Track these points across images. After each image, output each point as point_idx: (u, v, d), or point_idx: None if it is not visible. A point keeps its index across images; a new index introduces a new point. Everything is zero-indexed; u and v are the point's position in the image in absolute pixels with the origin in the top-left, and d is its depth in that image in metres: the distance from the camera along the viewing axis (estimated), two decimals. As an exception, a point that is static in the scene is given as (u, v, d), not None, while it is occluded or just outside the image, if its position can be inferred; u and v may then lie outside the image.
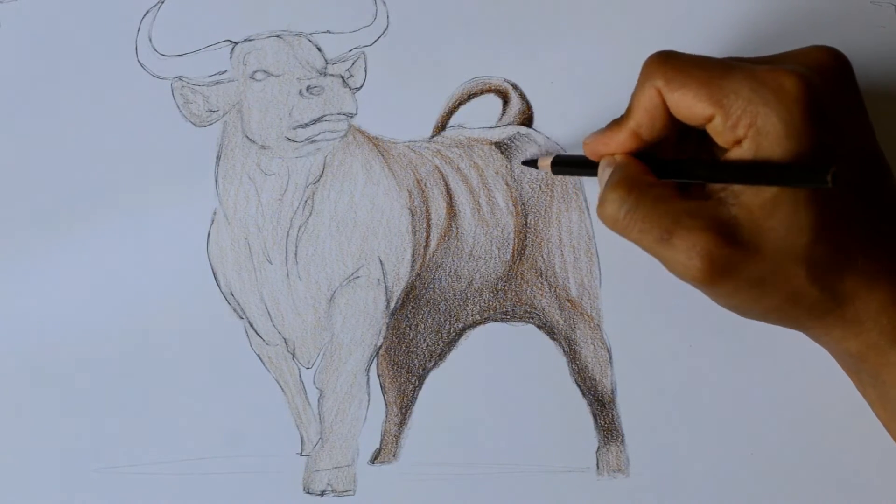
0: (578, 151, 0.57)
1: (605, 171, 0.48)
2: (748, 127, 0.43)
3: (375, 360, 0.56)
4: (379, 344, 0.57)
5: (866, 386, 0.48)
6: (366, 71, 0.58)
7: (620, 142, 0.48)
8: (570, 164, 0.53)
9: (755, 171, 0.43)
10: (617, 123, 0.49)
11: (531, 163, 0.56)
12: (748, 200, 0.44)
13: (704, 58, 0.46)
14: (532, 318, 0.57)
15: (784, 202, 0.43)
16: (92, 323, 0.56)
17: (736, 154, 0.44)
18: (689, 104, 0.45)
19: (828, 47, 0.47)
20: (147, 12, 0.58)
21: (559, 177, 0.57)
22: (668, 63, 0.46)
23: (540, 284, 0.57)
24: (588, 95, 0.58)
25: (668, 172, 0.47)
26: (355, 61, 0.58)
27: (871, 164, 0.47)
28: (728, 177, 0.44)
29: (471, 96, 0.58)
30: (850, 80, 0.47)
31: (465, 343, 0.56)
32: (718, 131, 0.45)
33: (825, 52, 0.47)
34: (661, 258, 0.45)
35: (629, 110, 0.48)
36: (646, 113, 0.47)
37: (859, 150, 0.46)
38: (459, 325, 0.57)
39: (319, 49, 0.58)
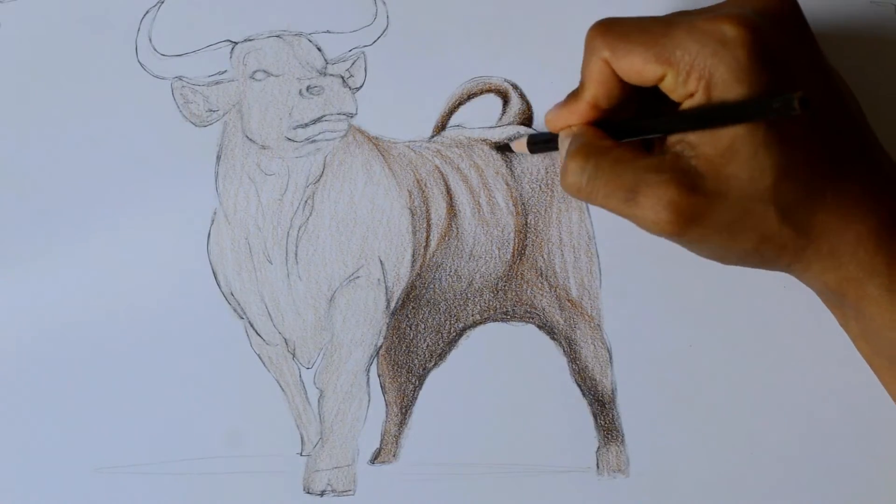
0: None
1: (564, 143, 0.49)
2: (698, 79, 0.44)
3: (375, 360, 0.56)
4: (379, 344, 0.57)
5: (848, 319, 0.48)
6: (366, 71, 0.58)
7: (580, 113, 0.48)
8: (546, 142, 0.53)
9: (714, 114, 0.43)
10: (573, 96, 0.49)
11: (504, 147, 0.56)
12: (706, 150, 0.44)
13: (645, 19, 0.46)
14: (532, 318, 0.57)
15: (742, 146, 0.43)
16: (92, 323, 0.56)
17: (688, 105, 0.44)
18: (638, 68, 0.45)
19: None
20: (147, 12, 0.58)
21: (559, 177, 0.57)
22: (610, 32, 0.46)
23: (540, 284, 0.57)
24: (588, 95, 0.58)
25: (625, 133, 0.47)
26: (355, 61, 0.58)
27: (830, 99, 0.46)
28: (687, 125, 0.44)
29: (471, 96, 0.58)
30: (797, 16, 0.47)
31: (465, 343, 0.57)
32: (671, 88, 0.45)
33: None
34: (630, 217, 0.45)
35: (582, 83, 0.48)
36: (598, 84, 0.47)
37: (816, 84, 0.46)
38: (459, 325, 0.57)
39: (319, 49, 0.58)
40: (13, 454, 0.56)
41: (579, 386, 0.56)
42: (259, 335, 0.56)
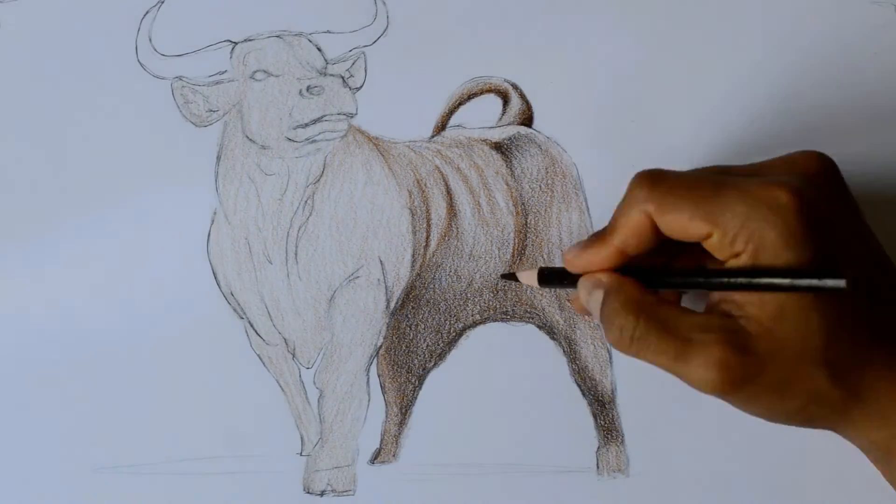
0: (580, 152, 0.57)
1: (593, 294, 0.47)
2: (746, 242, 0.43)
3: (375, 360, 0.56)
4: (379, 344, 0.57)
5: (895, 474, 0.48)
6: (366, 71, 0.58)
7: (605, 258, 0.47)
8: (560, 278, 0.50)
9: (763, 279, 0.43)
10: (600, 239, 0.47)
11: (510, 276, 0.55)
12: (754, 311, 0.44)
13: (693, 176, 0.46)
14: (532, 318, 0.57)
15: (791, 310, 0.43)
16: (92, 323, 0.56)
17: (734, 265, 0.44)
18: (684, 225, 0.45)
19: (814, 152, 0.47)
20: (147, 12, 0.58)
21: (559, 177, 0.57)
22: (657, 187, 0.45)
23: (540, 284, 0.57)
24: (588, 95, 0.58)
25: (660, 283, 0.46)
26: (355, 61, 0.58)
27: (873, 262, 0.47)
28: (735, 286, 0.44)
29: (471, 96, 0.58)
30: (840, 183, 0.47)
31: (465, 343, 0.56)
32: (715, 247, 0.44)
33: (813, 158, 0.47)
34: (679, 374, 0.45)
35: (613, 228, 0.47)
36: (632, 233, 0.46)
37: (860, 250, 0.46)
38: (459, 325, 0.57)
39: (319, 49, 0.58)
40: (13, 454, 0.56)
41: (579, 386, 0.56)
42: (259, 335, 0.56)
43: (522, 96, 0.58)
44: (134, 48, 0.58)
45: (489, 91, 0.58)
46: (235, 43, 0.58)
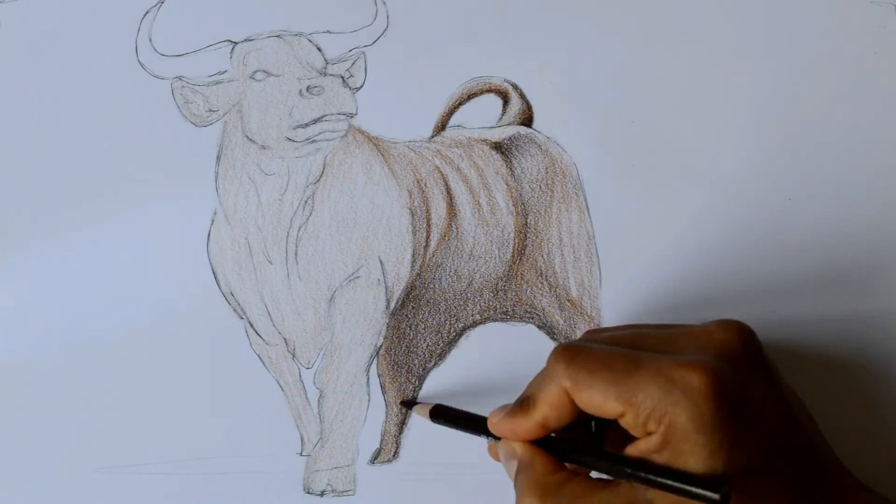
0: (580, 152, 0.57)
1: (509, 464, 0.48)
2: (658, 423, 0.43)
3: (375, 360, 0.56)
4: (379, 344, 0.57)
5: None
6: (366, 71, 0.58)
7: (527, 429, 0.47)
8: (452, 419, 0.52)
9: (656, 473, 0.43)
10: (522, 411, 0.48)
11: (408, 403, 0.55)
12: (658, 494, 0.44)
13: (610, 353, 0.45)
14: (532, 318, 0.57)
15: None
16: (92, 322, 0.56)
17: (645, 444, 0.44)
18: (598, 403, 0.45)
19: (732, 323, 0.47)
20: (147, 12, 0.58)
21: (559, 177, 0.57)
22: (573, 363, 0.45)
23: (540, 284, 0.57)
24: (588, 95, 0.58)
25: (572, 459, 0.47)
26: (355, 61, 0.58)
27: (791, 433, 0.46)
28: (628, 475, 0.44)
29: (471, 96, 0.58)
30: (759, 357, 0.47)
31: (465, 343, 0.57)
32: (629, 425, 0.45)
33: (730, 331, 0.47)
34: None
35: (534, 401, 0.47)
36: (552, 407, 0.46)
37: (777, 421, 0.46)
38: (459, 325, 0.57)
39: (319, 49, 0.58)
40: (14, 454, 0.56)
41: (579, 386, 0.56)
42: (259, 335, 0.56)
43: (522, 96, 0.58)
44: (134, 48, 0.58)
45: (489, 91, 0.58)
46: (235, 43, 0.58)
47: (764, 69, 0.57)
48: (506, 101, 0.58)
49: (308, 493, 0.55)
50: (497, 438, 0.49)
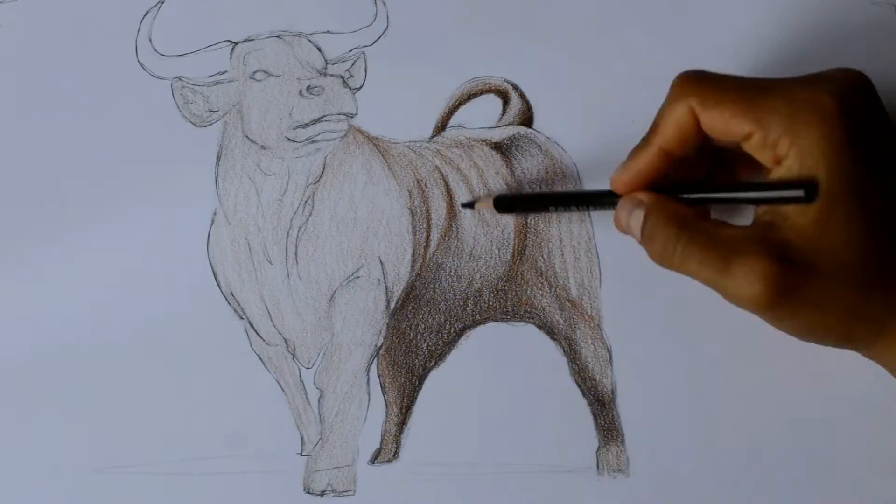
0: (580, 152, 0.58)
1: (634, 214, 0.48)
2: (789, 145, 0.44)
3: (375, 360, 0.56)
4: (379, 344, 0.57)
5: None
6: (366, 71, 0.58)
7: (648, 160, 0.48)
8: (514, 202, 0.53)
9: (753, 190, 0.44)
10: (642, 145, 0.48)
11: (469, 204, 0.56)
12: (798, 221, 0.44)
13: (738, 77, 0.46)
14: (532, 318, 0.57)
15: (833, 219, 0.44)
16: (92, 323, 0.56)
17: (777, 173, 0.45)
18: (727, 122, 0.45)
19: (854, 70, 0.48)
20: (147, 12, 0.58)
21: (559, 177, 0.57)
22: (702, 81, 0.46)
23: (540, 284, 0.57)
24: (588, 95, 0.58)
25: (695, 201, 0.47)
26: (355, 61, 0.58)
27: None
28: (743, 199, 0.45)
29: (471, 96, 0.58)
30: (876, 99, 0.48)
31: (465, 343, 0.56)
32: (757, 149, 0.45)
33: (853, 74, 0.47)
34: (720, 287, 0.45)
35: (654, 128, 0.48)
36: (676, 130, 0.47)
37: (892, 159, 0.46)
38: (459, 325, 0.57)
39: (319, 49, 0.58)
40: (13, 454, 0.56)
41: (579, 386, 0.56)
42: (259, 335, 0.56)
43: (522, 96, 0.58)
44: (134, 48, 0.58)
45: (489, 91, 0.58)
46: (235, 43, 0.58)
47: (764, 69, 0.57)
48: (506, 101, 0.58)
49: (308, 493, 0.55)
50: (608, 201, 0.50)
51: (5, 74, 0.58)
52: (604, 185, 0.57)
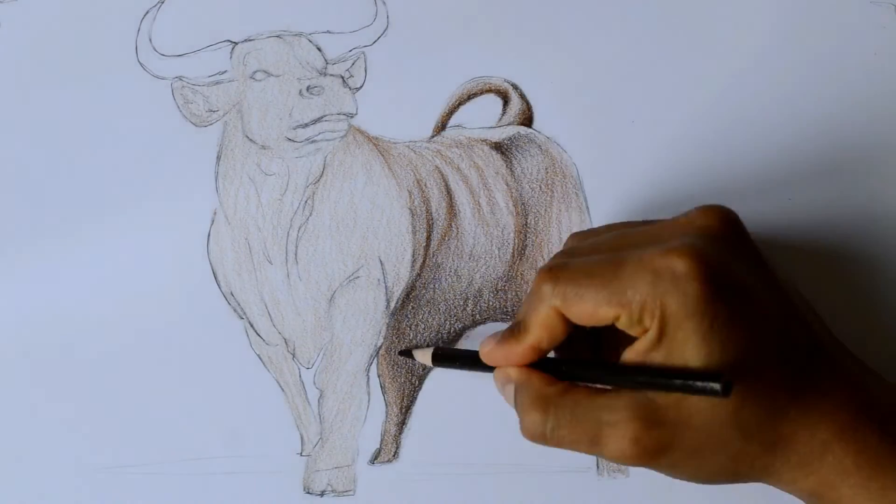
0: (580, 152, 0.57)
1: (505, 388, 0.49)
2: (651, 317, 0.43)
3: (375, 360, 0.56)
4: (379, 344, 0.57)
5: None
6: (366, 71, 0.58)
7: (520, 355, 0.47)
8: (453, 359, 0.52)
9: (655, 375, 0.43)
10: (513, 335, 0.48)
11: (406, 353, 0.55)
12: None
13: (593, 262, 0.45)
14: (532, 318, 0.57)
15: None
16: (92, 323, 0.56)
17: (641, 344, 0.44)
18: (591, 312, 0.45)
19: (712, 207, 0.47)
20: (147, 12, 0.58)
21: (559, 177, 0.57)
22: (559, 281, 0.45)
23: (540, 284, 0.57)
24: (588, 95, 0.58)
25: (567, 375, 0.47)
26: (355, 61, 0.58)
27: (785, 315, 0.46)
28: (628, 382, 0.44)
29: (471, 96, 0.58)
30: (743, 237, 0.47)
31: (465, 343, 0.56)
32: (626, 326, 0.44)
33: (712, 215, 0.46)
34: (598, 454, 0.46)
35: (525, 325, 0.47)
36: (544, 328, 0.46)
37: (770, 303, 0.45)
38: (459, 325, 0.57)
39: (319, 49, 0.58)
40: (13, 454, 0.56)
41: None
42: (259, 335, 0.56)
43: (522, 96, 0.58)
44: (134, 48, 0.58)
45: (489, 91, 0.58)
46: (235, 43, 0.58)
47: (764, 69, 0.57)
48: (506, 101, 0.58)
49: (308, 493, 0.55)
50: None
51: (5, 74, 0.58)
52: (604, 185, 0.57)
